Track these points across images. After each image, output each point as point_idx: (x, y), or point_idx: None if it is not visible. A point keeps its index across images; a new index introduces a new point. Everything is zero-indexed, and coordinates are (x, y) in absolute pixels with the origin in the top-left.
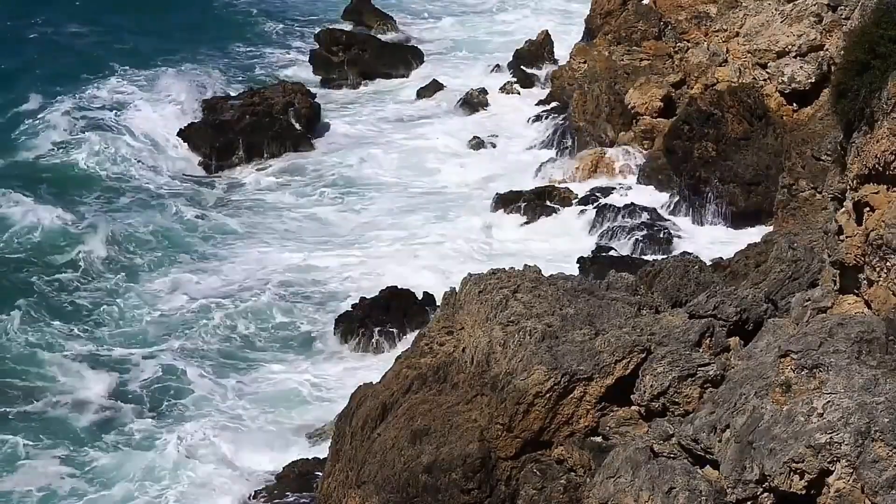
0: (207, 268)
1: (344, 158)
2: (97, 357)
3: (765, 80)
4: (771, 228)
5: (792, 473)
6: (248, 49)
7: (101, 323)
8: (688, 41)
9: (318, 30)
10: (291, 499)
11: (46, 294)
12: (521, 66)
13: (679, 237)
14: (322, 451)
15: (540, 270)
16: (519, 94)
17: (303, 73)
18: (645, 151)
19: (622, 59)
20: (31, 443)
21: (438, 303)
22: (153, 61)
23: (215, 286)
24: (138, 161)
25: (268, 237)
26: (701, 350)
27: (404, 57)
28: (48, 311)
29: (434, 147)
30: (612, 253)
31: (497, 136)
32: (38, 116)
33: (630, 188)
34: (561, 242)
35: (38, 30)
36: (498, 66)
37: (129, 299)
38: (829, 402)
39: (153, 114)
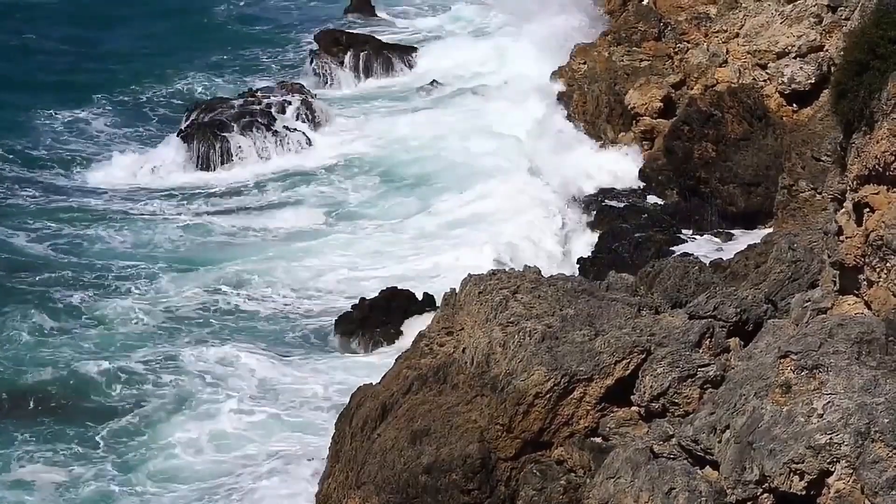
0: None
1: (344, 158)
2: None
3: (765, 80)
4: (771, 229)
5: (792, 474)
6: (248, 49)
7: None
8: (688, 42)
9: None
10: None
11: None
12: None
13: (679, 238)
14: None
15: (540, 271)
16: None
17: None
18: (645, 152)
19: (622, 60)
20: None
21: (438, 303)
22: (150, 64)
23: (215, 285)
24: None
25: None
26: (701, 351)
27: (404, 56)
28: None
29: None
30: (611, 254)
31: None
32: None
33: (629, 189)
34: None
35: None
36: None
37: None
38: (829, 402)
39: None
